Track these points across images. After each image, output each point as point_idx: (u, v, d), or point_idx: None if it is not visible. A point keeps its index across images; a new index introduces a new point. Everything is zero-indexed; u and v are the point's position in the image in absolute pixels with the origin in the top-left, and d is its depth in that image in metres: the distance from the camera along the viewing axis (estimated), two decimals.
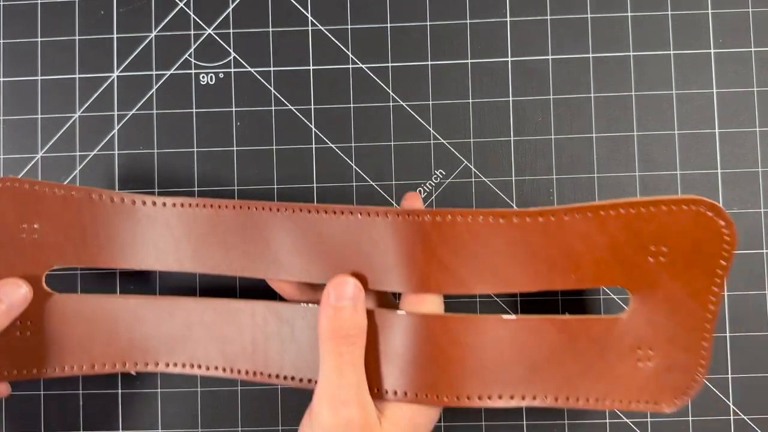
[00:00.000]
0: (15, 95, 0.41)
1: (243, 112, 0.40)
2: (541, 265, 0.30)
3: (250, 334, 0.32)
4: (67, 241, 0.32)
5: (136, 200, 0.33)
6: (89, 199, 0.32)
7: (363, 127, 0.40)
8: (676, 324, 0.30)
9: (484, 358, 0.30)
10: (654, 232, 0.30)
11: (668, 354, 0.30)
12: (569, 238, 0.30)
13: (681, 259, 0.30)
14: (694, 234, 0.29)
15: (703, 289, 0.30)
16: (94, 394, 0.40)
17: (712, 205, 0.29)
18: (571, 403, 0.31)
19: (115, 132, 0.40)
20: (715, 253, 0.30)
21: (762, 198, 0.39)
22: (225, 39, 0.41)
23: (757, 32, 0.39)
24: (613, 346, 0.31)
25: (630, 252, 0.30)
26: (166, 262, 0.33)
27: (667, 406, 0.31)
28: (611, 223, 0.30)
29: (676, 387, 0.31)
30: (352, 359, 0.29)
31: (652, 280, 0.30)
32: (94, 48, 0.41)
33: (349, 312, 0.29)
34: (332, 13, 0.40)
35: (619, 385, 0.31)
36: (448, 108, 0.40)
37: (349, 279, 0.30)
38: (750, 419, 0.38)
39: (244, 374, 0.32)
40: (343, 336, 0.29)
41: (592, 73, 0.39)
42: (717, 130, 0.39)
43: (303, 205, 0.31)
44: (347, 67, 0.40)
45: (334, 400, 0.28)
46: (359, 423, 0.28)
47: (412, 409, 0.30)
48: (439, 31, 0.40)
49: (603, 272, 0.30)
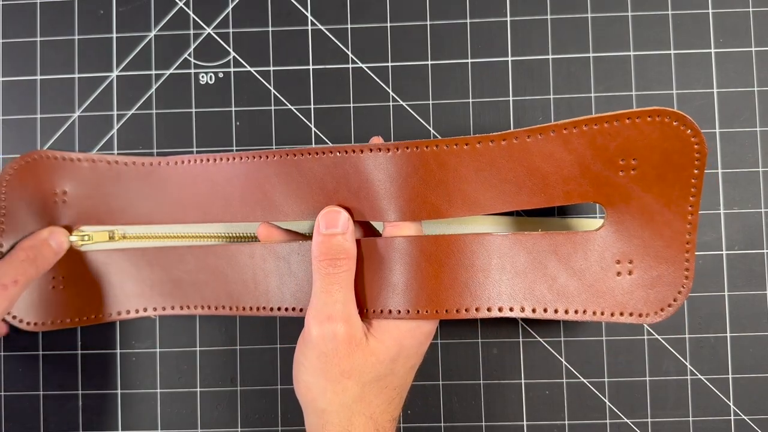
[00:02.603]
0: (14, 95, 0.40)
1: (242, 111, 0.40)
2: (508, 186, 0.31)
3: (251, 272, 0.35)
4: (91, 202, 0.36)
5: (146, 162, 0.36)
6: (109, 164, 0.36)
7: (363, 127, 0.40)
8: (653, 235, 0.31)
9: (459, 274, 0.31)
10: (620, 146, 0.30)
11: (649, 266, 0.31)
12: (534, 159, 0.30)
13: (652, 171, 0.30)
14: (662, 145, 0.30)
15: (678, 199, 0.30)
16: (94, 394, 0.40)
17: (677, 114, 0.29)
18: (549, 315, 0.31)
19: (114, 132, 0.40)
20: (686, 163, 0.30)
21: (762, 198, 0.39)
22: (224, 38, 0.40)
23: (757, 32, 0.39)
24: (589, 260, 0.31)
25: (598, 167, 0.30)
26: (175, 216, 0.36)
27: (651, 318, 0.31)
28: (575, 140, 0.30)
29: (660, 299, 0.31)
30: (339, 280, 0.31)
31: (625, 194, 0.30)
32: (93, 47, 0.41)
33: (338, 238, 0.31)
34: (332, 12, 0.40)
35: (600, 297, 0.31)
36: (448, 108, 0.40)
37: (336, 208, 0.32)
38: (750, 419, 0.38)
39: (248, 310, 0.35)
40: (330, 258, 0.31)
41: (593, 73, 0.39)
42: (717, 130, 0.39)
43: (289, 150, 0.33)
44: (347, 66, 0.40)
45: (321, 316, 0.30)
46: (343, 337, 0.30)
47: (398, 329, 0.31)
48: (439, 31, 0.40)
49: (573, 189, 0.31)
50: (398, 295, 0.31)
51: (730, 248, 0.39)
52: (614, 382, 0.39)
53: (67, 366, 0.40)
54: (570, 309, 0.31)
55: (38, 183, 0.36)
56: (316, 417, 0.31)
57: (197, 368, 0.40)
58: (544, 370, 0.39)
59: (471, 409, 0.39)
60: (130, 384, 0.40)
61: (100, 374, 0.40)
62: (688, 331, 0.39)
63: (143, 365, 0.40)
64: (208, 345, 0.40)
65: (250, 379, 0.40)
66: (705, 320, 0.39)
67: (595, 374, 0.39)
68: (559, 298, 0.31)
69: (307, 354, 0.31)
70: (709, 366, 0.39)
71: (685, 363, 0.39)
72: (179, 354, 0.40)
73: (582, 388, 0.39)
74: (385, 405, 0.31)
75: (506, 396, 0.39)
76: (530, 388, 0.39)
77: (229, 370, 0.40)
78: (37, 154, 0.36)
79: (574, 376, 0.39)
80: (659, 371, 0.39)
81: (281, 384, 0.40)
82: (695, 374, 0.39)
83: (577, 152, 0.30)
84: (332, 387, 0.30)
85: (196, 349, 0.40)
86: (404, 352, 0.31)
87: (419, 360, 0.33)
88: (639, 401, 0.39)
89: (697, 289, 0.39)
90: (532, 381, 0.39)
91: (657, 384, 0.39)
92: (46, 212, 0.36)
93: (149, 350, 0.40)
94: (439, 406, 0.39)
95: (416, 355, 0.32)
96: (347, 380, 0.30)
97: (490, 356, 0.39)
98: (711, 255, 0.39)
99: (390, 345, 0.31)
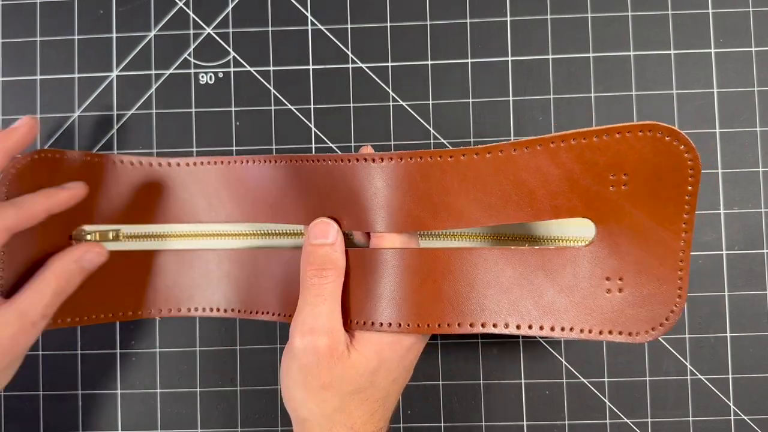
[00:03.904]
0: (14, 95, 0.40)
1: (242, 111, 0.40)
2: (494, 200, 0.30)
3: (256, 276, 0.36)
4: (93, 201, 0.36)
5: (153, 162, 0.36)
6: (112, 164, 0.36)
7: (363, 127, 0.40)
8: (645, 253, 0.30)
9: (443, 288, 0.31)
10: (610, 161, 0.29)
11: (640, 284, 0.30)
12: (520, 172, 0.30)
13: (644, 187, 0.29)
14: (654, 161, 0.29)
15: (672, 216, 0.29)
16: (93, 394, 0.40)
17: (669, 129, 0.28)
18: (534, 331, 0.31)
19: (114, 132, 0.40)
20: (679, 180, 0.29)
21: (762, 198, 0.39)
22: (224, 38, 0.40)
23: (757, 32, 0.39)
24: (578, 276, 0.30)
25: (587, 182, 0.29)
26: (180, 216, 0.36)
27: (642, 337, 0.30)
28: (563, 154, 0.29)
29: (652, 318, 0.30)
30: (324, 291, 0.31)
31: (617, 210, 0.30)
32: (93, 47, 0.41)
33: (325, 249, 0.31)
34: (332, 12, 0.40)
35: (589, 314, 0.30)
36: (448, 108, 0.40)
37: (325, 219, 0.32)
38: (750, 419, 0.38)
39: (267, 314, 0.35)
40: (316, 269, 0.31)
41: (593, 73, 0.39)
42: (717, 130, 0.39)
43: (291, 156, 0.33)
44: (347, 66, 0.40)
45: (304, 328, 0.30)
46: (325, 350, 0.30)
47: (380, 342, 0.31)
48: (439, 31, 0.40)
49: (561, 204, 0.30)
50: (382, 307, 0.31)
51: (730, 248, 0.39)
52: (614, 382, 0.39)
53: (66, 366, 0.40)
54: (557, 326, 0.30)
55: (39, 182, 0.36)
56: (299, 426, 0.32)
57: (197, 368, 0.40)
58: (544, 370, 0.39)
59: (471, 409, 0.39)
60: (130, 384, 0.40)
61: (100, 374, 0.40)
62: (688, 331, 0.39)
63: (143, 365, 0.40)
64: (208, 345, 0.40)
65: (250, 379, 0.40)
66: (705, 320, 0.39)
67: (595, 374, 0.39)
68: (546, 315, 0.31)
69: (290, 365, 0.31)
70: (709, 366, 0.39)
71: (685, 363, 0.39)
72: (179, 354, 0.40)
73: (582, 388, 0.39)
74: (366, 416, 0.31)
75: (506, 396, 0.39)
76: (530, 388, 0.39)
77: (229, 370, 0.40)
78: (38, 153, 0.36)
79: (574, 376, 0.39)
80: (659, 371, 0.39)
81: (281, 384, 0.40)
82: (695, 374, 0.39)
83: (565, 167, 0.29)
84: (312, 398, 0.30)
85: (196, 349, 0.40)
86: (385, 365, 0.31)
87: (404, 374, 0.33)
88: (639, 401, 0.39)
89: (697, 289, 0.39)
90: (532, 381, 0.39)
91: (657, 384, 0.39)
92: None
93: (149, 350, 0.40)
94: (439, 406, 0.39)
95: (398, 368, 0.32)
96: (326, 392, 0.30)
97: (490, 356, 0.39)
98: (711, 255, 0.39)
99: (370, 357, 0.31)
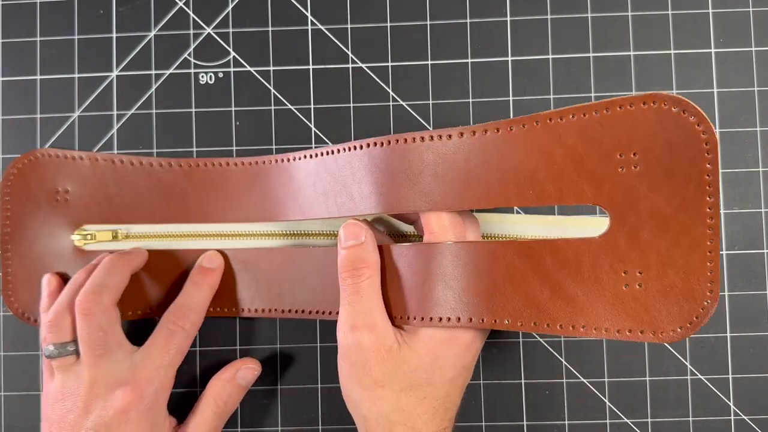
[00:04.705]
0: (14, 95, 0.40)
1: (242, 111, 0.40)
2: (492, 181, 0.29)
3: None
4: (94, 201, 0.36)
5: (153, 163, 0.37)
6: (112, 163, 0.37)
7: (363, 127, 0.40)
8: (668, 243, 0.26)
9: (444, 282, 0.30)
10: (616, 139, 0.26)
11: (663, 276, 0.27)
12: (519, 152, 0.28)
13: (657, 167, 0.26)
14: (663, 136, 0.26)
15: (694, 201, 0.26)
16: None
17: (676, 99, 0.25)
18: (540, 329, 0.29)
19: (114, 131, 0.40)
20: (695, 156, 0.25)
21: (762, 198, 0.39)
22: (224, 38, 0.40)
23: (757, 32, 0.39)
24: (588, 269, 0.28)
25: (594, 164, 0.27)
26: (178, 217, 0.37)
27: (668, 335, 0.27)
28: (563, 132, 0.27)
29: (679, 315, 0.27)
30: (360, 289, 0.31)
31: (630, 194, 0.27)
32: (93, 47, 0.40)
33: (357, 249, 0.32)
34: (332, 12, 0.40)
35: (601, 310, 0.28)
36: (448, 108, 0.40)
37: (354, 221, 0.33)
38: (750, 419, 0.38)
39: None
40: (351, 269, 0.32)
41: (593, 72, 0.39)
42: (717, 130, 0.39)
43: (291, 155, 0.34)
44: (347, 66, 0.40)
45: (346, 326, 0.31)
46: (370, 346, 0.30)
47: (432, 338, 0.31)
48: (439, 31, 0.40)
49: (567, 188, 0.27)
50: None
51: (730, 248, 0.39)
52: (614, 382, 0.39)
53: None
54: (564, 324, 0.28)
55: (40, 182, 0.36)
56: (361, 425, 0.32)
57: (197, 368, 0.40)
58: (544, 370, 0.39)
59: (471, 409, 0.39)
60: None
61: None
62: None
63: None
64: (208, 345, 0.40)
65: None
66: None
67: (595, 374, 0.39)
68: (546, 313, 0.28)
69: (342, 364, 0.32)
70: (709, 366, 0.39)
71: (685, 363, 0.39)
72: None
73: (582, 388, 0.39)
74: (428, 416, 0.30)
75: (506, 396, 0.39)
76: (530, 388, 0.39)
77: None
78: (38, 152, 0.36)
79: (574, 376, 0.39)
80: (659, 371, 0.39)
81: (282, 384, 0.40)
82: (695, 374, 0.39)
83: (567, 145, 0.27)
84: (368, 395, 0.31)
85: (197, 349, 0.40)
86: (439, 362, 0.31)
87: (463, 373, 0.32)
88: (639, 401, 0.39)
89: None
90: (532, 381, 0.39)
91: (657, 384, 0.39)
92: (48, 211, 0.37)
93: None
94: None
95: (455, 367, 0.31)
96: (381, 389, 0.30)
97: (490, 356, 0.39)
98: None
99: (423, 354, 0.30)
